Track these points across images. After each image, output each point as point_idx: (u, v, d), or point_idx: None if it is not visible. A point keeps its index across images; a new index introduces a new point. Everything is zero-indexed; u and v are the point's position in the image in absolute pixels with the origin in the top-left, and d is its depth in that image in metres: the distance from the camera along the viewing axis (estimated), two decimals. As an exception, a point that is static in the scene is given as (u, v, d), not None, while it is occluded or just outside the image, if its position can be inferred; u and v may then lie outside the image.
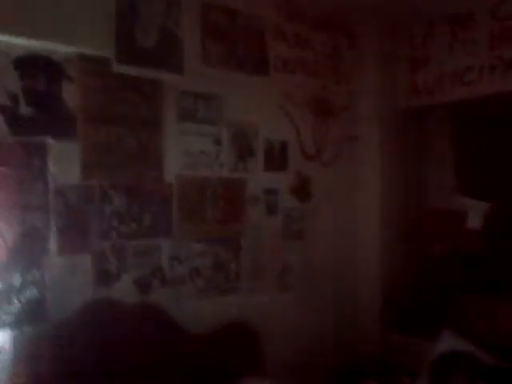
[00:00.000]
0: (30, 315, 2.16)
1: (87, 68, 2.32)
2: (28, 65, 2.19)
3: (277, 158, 3.05)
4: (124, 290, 2.40)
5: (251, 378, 2.54)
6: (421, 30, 3.36)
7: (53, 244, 2.24)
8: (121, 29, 2.33)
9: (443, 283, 3.37)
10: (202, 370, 2.47)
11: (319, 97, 3.25)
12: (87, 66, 2.32)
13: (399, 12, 3.35)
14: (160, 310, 2.42)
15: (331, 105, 3.33)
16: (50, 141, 2.23)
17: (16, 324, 2.13)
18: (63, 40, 2.22)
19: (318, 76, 3.19)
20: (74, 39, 2.24)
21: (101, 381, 2.17)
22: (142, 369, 2.29)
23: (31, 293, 2.17)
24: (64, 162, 2.27)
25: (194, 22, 2.62)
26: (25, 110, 2.18)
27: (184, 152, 2.63)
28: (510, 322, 2.85)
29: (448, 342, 2.87)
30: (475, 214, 3.36)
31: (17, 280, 2.15)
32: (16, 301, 2.14)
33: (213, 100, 2.74)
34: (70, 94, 2.29)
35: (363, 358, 3.21)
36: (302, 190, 3.17)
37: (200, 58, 2.65)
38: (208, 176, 2.73)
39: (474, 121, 3.55)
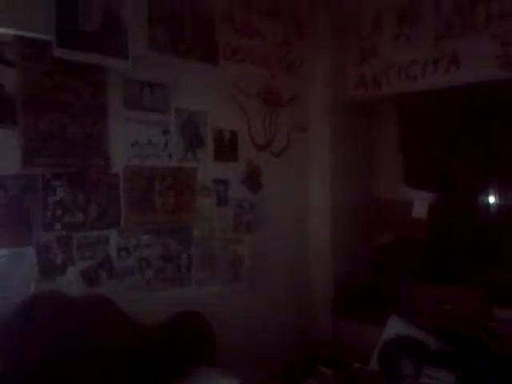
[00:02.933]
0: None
1: (27, 52, 2.20)
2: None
3: (227, 148, 3.02)
4: (70, 282, 2.31)
5: (204, 368, 2.51)
6: (369, 22, 3.40)
7: (-7, 236, 2.13)
8: (62, 11, 2.22)
9: (391, 271, 3.45)
10: (153, 361, 2.43)
11: (269, 86, 3.25)
12: (26, 49, 2.19)
13: (348, 2, 3.40)
14: (109, 302, 2.35)
15: (281, 95, 3.34)
16: (-13, 128, 2.11)
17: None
18: (0, 22, 2.10)
19: (267, 65, 3.19)
20: (12, 21, 2.12)
21: (46, 377, 2.08)
22: (92, 363, 2.22)
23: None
24: (3, 151, 2.15)
25: (140, 6, 2.53)
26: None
27: (131, 141, 2.56)
28: (454, 308, 2.95)
29: (396, 328, 2.95)
30: (420, 203, 3.46)
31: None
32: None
33: (160, 87, 2.67)
34: (9, 79, 2.16)
35: (315, 345, 3.25)
36: (252, 181, 3.16)
37: (146, 44, 2.57)
38: (156, 166, 2.66)
39: (420, 113, 3.65)
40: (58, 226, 2.29)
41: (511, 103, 3.20)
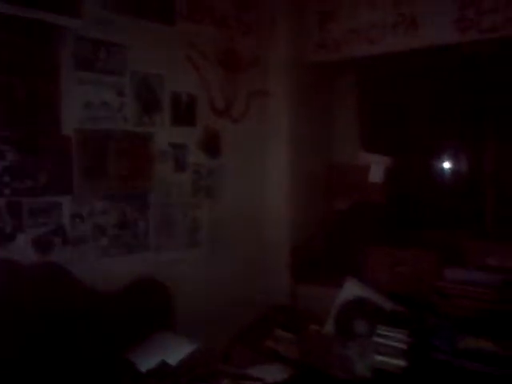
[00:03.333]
0: None
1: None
2: None
3: (184, 112, 2.95)
4: (21, 249, 2.23)
5: (161, 333, 2.52)
6: (329, -16, 3.34)
7: None
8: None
9: (348, 235, 3.52)
10: (111, 328, 2.42)
11: (228, 49, 3.17)
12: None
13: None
14: (62, 270, 2.30)
15: (241, 58, 3.27)
16: None
17: None
18: None
19: (225, 27, 3.10)
20: None
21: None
22: (46, 333, 2.19)
23: None
24: None
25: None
26: None
27: (83, 103, 2.45)
28: (408, 270, 3.04)
29: (351, 290, 3.02)
30: (376, 168, 3.50)
31: None
32: None
33: (114, 48, 2.56)
34: None
35: (273, 309, 3.30)
36: (210, 146, 3.11)
37: (98, 2, 2.45)
38: (111, 129, 2.57)
39: (377, 78, 3.67)
40: (6, 191, 2.19)
41: (466, 67, 3.25)
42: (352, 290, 3.02)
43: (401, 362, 2.44)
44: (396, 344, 2.47)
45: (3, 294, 2.09)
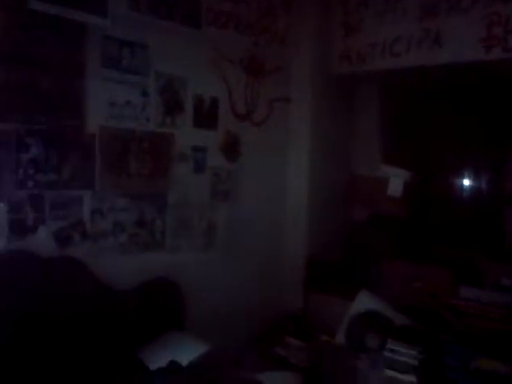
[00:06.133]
0: None
1: (2, 3, 2.10)
2: None
3: (206, 115, 2.98)
4: (42, 242, 2.25)
5: (172, 333, 2.53)
6: (355, -4, 3.36)
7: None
8: (40, -38, 2.14)
9: (364, 246, 3.50)
10: (123, 326, 2.43)
11: (252, 55, 3.20)
12: (2, 0, 2.10)
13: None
14: (80, 264, 2.32)
15: (264, 64, 3.30)
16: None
17: None
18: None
19: (251, 33, 3.13)
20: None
21: (14, 339, 2.07)
22: (60, 326, 2.21)
23: None
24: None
25: (121, -37, 2.45)
26: None
27: (108, 101, 2.49)
28: (423, 286, 3.01)
29: (365, 303, 3.00)
30: (396, 181, 3.49)
31: None
32: None
33: (140, 48, 2.60)
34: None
35: (285, 316, 3.29)
36: (231, 149, 3.13)
37: (126, 3, 2.49)
38: (133, 128, 2.61)
39: (401, 91, 3.67)
40: (30, 183, 2.23)
41: (491, 86, 3.24)
42: (365, 302, 3.00)
43: (411, 378, 2.41)
44: (407, 360, 2.44)
45: (22, 285, 2.11)
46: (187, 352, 2.38)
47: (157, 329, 2.53)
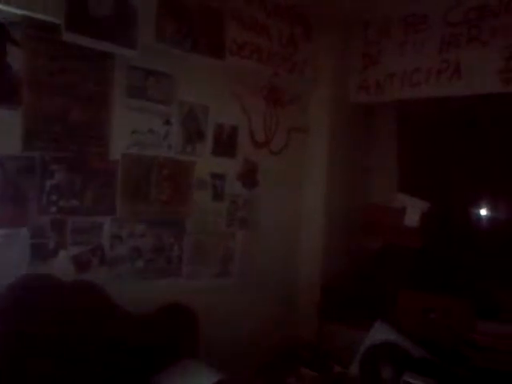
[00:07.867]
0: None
1: (34, 33, 2.19)
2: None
3: (226, 143, 3.03)
4: (62, 266, 2.31)
5: (185, 360, 2.53)
6: (375, 27, 3.41)
7: (-12, 215, 2.12)
8: (72, -5, 2.22)
9: (379, 276, 3.47)
10: (138, 351, 2.44)
11: (272, 85, 3.26)
12: (34, 31, 2.19)
13: (356, 6, 3.39)
14: (98, 289, 2.36)
15: (283, 94, 3.35)
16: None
17: None
18: (9, 0, 2.07)
19: (272, 64, 3.18)
20: (22, 1, 2.09)
21: (32, 360, 2.09)
22: (77, 349, 2.23)
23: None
24: (5, 131, 2.15)
25: (149, -4, 2.52)
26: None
27: (132, 129, 2.56)
28: (439, 317, 2.98)
29: (380, 334, 2.96)
30: (413, 211, 3.47)
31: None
32: None
33: (164, 78, 2.67)
34: (15, 59, 2.16)
35: (299, 346, 3.27)
36: (249, 177, 3.17)
37: (153, 34, 2.56)
38: (155, 156, 2.67)
39: (419, 121, 3.67)
40: (53, 209, 2.29)
41: (509, 117, 3.23)
42: (380, 333, 2.97)
43: (426, 412, 2.38)
44: (423, 392, 2.42)
45: (41, 308, 2.14)
46: (200, 381, 2.38)
47: (171, 355, 2.53)
